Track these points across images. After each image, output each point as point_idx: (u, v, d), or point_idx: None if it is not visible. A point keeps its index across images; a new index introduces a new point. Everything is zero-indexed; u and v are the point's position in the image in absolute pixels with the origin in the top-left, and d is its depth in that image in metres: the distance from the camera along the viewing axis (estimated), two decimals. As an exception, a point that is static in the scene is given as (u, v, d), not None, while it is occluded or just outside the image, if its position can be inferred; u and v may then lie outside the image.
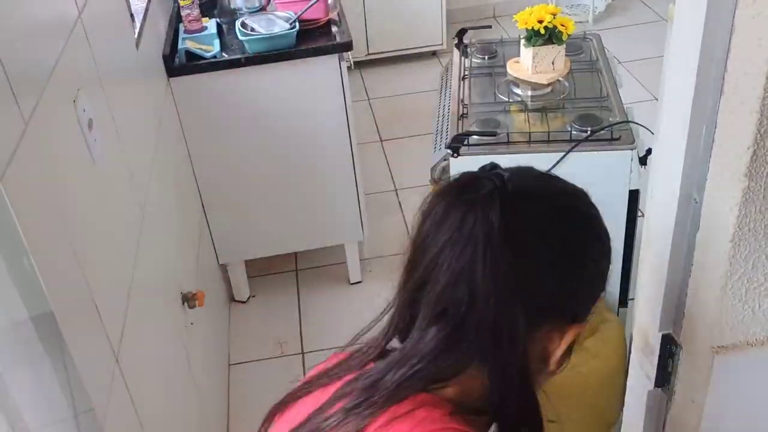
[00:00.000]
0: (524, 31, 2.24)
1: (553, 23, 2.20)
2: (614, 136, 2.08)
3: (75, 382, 1.11)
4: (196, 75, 2.51)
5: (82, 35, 1.49)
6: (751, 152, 0.78)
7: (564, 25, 2.21)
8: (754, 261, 0.86)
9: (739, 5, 0.75)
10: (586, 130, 2.09)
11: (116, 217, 1.55)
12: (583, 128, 2.10)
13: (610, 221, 2.16)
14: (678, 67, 0.86)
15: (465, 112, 2.27)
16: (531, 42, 2.23)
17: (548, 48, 2.24)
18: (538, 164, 1.99)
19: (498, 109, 2.27)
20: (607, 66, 2.46)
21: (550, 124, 2.17)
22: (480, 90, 2.41)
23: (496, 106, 2.28)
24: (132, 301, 1.50)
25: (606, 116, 2.18)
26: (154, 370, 1.65)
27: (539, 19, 2.19)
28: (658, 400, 1.05)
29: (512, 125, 2.19)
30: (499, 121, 2.19)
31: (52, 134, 1.20)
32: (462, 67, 2.52)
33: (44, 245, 1.06)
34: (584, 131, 2.09)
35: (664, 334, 0.99)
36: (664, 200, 0.93)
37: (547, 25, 2.18)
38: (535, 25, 2.19)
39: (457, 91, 2.39)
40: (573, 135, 2.10)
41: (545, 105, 2.27)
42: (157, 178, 2.01)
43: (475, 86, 2.43)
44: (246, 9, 2.83)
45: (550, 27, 2.19)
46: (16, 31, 1.13)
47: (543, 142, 2.10)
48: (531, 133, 2.11)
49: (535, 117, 2.24)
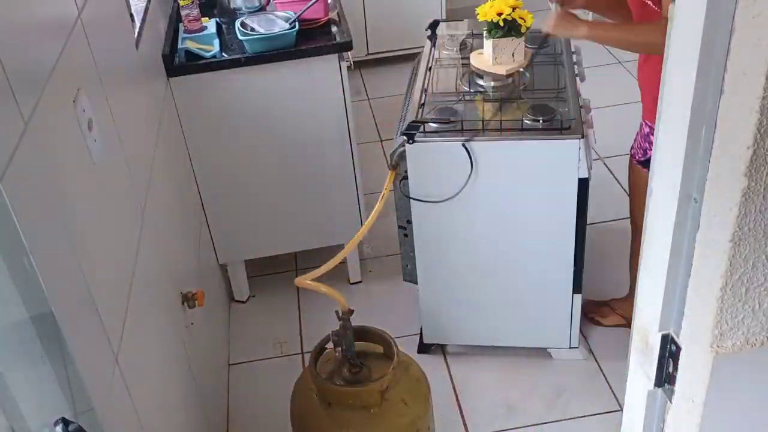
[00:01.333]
0: (486, 23, 2.30)
1: (512, 16, 2.25)
2: (564, 126, 2.14)
3: (75, 382, 1.11)
4: (195, 75, 2.51)
5: (81, 35, 1.49)
6: (750, 152, 0.78)
7: (523, 18, 2.26)
8: (753, 261, 0.86)
9: (739, 5, 0.75)
10: (539, 120, 2.16)
11: (116, 217, 1.55)
12: (536, 118, 2.16)
13: (561, 210, 2.21)
14: (678, 67, 0.86)
15: (425, 100, 2.33)
16: (491, 34, 2.29)
17: (508, 40, 2.30)
18: (489, 151, 2.14)
19: (458, 98, 2.35)
20: (570, 60, 2.53)
21: (505, 113, 2.24)
22: (444, 80, 2.48)
23: (457, 96, 2.36)
24: (132, 301, 1.50)
25: (561, 107, 2.24)
26: (154, 369, 1.65)
27: (499, 12, 2.24)
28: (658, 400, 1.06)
29: (468, 114, 2.26)
30: (456, 110, 2.27)
31: (51, 134, 1.20)
32: (431, 58, 2.59)
33: (44, 245, 1.06)
34: (537, 121, 2.16)
35: (664, 334, 0.99)
36: (664, 200, 0.93)
37: (506, 17, 2.23)
38: (495, 17, 2.25)
39: (422, 81, 2.45)
40: (525, 124, 2.16)
41: (503, 95, 2.34)
42: (156, 178, 2.01)
43: (440, 76, 2.50)
44: (246, 9, 2.83)
45: (509, 20, 2.25)
46: (15, 31, 1.13)
47: (496, 130, 2.17)
48: (484, 121, 2.18)
49: (493, 106, 2.31)
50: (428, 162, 2.23)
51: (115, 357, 1.33)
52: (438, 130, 2.19)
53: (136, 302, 1.52)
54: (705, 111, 0.83)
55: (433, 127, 2.19)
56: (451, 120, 2.19)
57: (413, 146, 2.19)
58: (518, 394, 2.48)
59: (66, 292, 1.14)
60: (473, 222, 2.31)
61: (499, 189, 2.24)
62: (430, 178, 2.26)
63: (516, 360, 2.58)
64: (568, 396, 2.45)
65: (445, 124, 2.18)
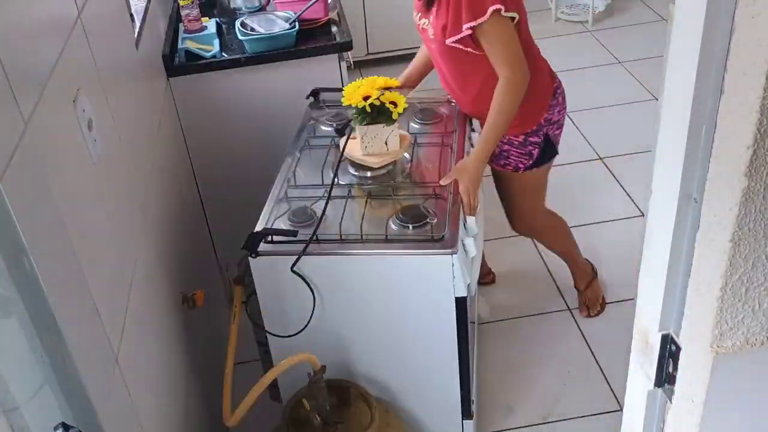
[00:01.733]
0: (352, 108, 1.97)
1: (380, 100, 1.92)
2: (436, 237, 1.79)
3: (75, 383, 1.11)
4: (195, 75, 2.52)
5: (81, 35, 1.49)
6: (750, 152, 0.78)
7: (394, 103, 1.94)
8: (753, 260, 0.86)
9: (739, 5, 0.75)
10: (407, 227, 1.83)
11: (116, 217, 1.55)
12: (404, 224, 1.84)
13: (438, 329, 1.87)
14: (678, 66, 0.86)
15: (285, 194, 1.99)
16: (358, 120, 1.96)
17: (378, 127, 1.96)
18: (348, 268, 1.79)
19: (322, 194, 1.94)
20: (461, 141, 2.18)
21: (370, 215, 1.89)
22: (312, 166, 2.10)
23: (320, 190, 1.96)
24: (132, 300, 1.50)
25: (440, 207, 1.90)
26: (154, 369, 1.65)
27: (365, 95, 1.93)
28: (658, 400, 1.06)
29: (328, 218, 1.88)
30: (313, 212, 1.89)
31: (51, 134, 1.20)
32: (304, 135, 2.25)
33: (44, 245, 1.06)
34: (405, 227, 1.83)
35: (663, 334, 0.99)
36: (664, 200, 0.93)
37: (373, 102, 1.92)
38: (360, 102, 1.92)
39: (287, 166, 2.12)
40: (391, 231, 1.82)
41: (372, 191, 1.98)
42: (156, 178, 2.02)
43: (310, 160, 2.13)
44: (246, 9, 2.83)
45: (377, 105, 1.93)
46: (15, 31, 1.13)
47: (356, 242, 1.81)
48: (342, 234, 1.82)
49: (358, 206, 1.94)
50: (277, 279, 1.84)
51: (115, 357, 1.33)
52: (285, 241, 1.81)
53: (135, 302, 1.52)
54: (705, 111, 0.83)
55: (279, 238, 1.82)
56: (297, 232, 1.81)
57: (258, 260, 1.82)
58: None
59: (66, 292, 1.14)
60: (340, 348, 1.96)
61: (365, 307, 1.89)
62: (282, 298, 1.88)
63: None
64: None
65: (293, 236, 1.81)
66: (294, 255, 1.78)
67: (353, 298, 1.88)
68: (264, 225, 1.89)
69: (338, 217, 1.88)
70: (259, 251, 1.81)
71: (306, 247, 1.78)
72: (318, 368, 1.81)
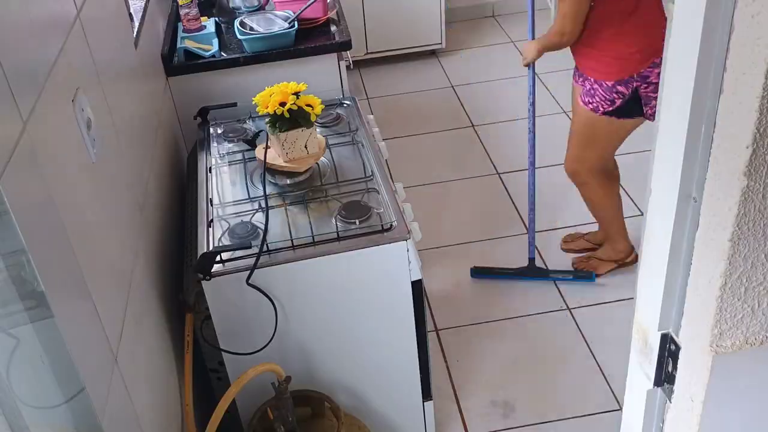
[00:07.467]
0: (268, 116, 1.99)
1: (297, 104, 1.95)
2: (385, 226, 1.82)
3: (74, 383, 1.11)
4: (194, 74, 2.51)
5: (80, 34, 1.49)
6: (750, 151, 0.78)
7: (311, 105, 1.98)
8: (753, 260, 0.86)
9: (738, 5, 0.75)
10: (354, 222, 1.85)
11: (115, 216, 1.55)
12: (349, 220, 1.85)
13: (397, 316, 1.93)
14: (677, 66, 0.86)
15: (213, 215, 1.93)
16: (276, 128, 1.98)
17: (297, 132, 1.98)
18: (303, 274, 1.78)
19: (253, 207, 1.94)
20: (368, 136, 2.22)
21: (313, 218, 1.89)
22: (232, 182, 2.06)
23: (251, 204, 1.95)
24: (131, 301, 1.50)
25: (374, 200, 1.93)
26: (154, 370, 1.65)
27: (281, 101, 1.95)
28: (657, 399, 1.06)
29: (271, 228, 1.85)
30: (254, 225, 1.86)
31: (50, 134, 1.20)
32: (208, 156, 2.20)
33: (43, 245, 1.06)
34: (351, 223, 1.85)
35: (663, 333, 0.99)
36: (664, 199, 0.93)
37: (291, 107, 1.94)
38: (278, 109, 1.95)
39: (205, 188, 2.05)
40: (339, 229, 1.83)
41: (306, 195, 1.98)
42: (155, 177, 2.01)
43: (227, 178, 2.09)
44: (245, 8, 2.83)
45: (295, 109, 1.96)
46: (14, 31, 1.13)
47: (308, 245, 1.81)
48: (294, 240, 1.81)
49: (298, 211, 1.94)
50: (232, 299, 1.82)
51: (115, 357, 1.33)
52: (237, 257, 1.78)
53: (135, 303, 1.52)
54: (704, 110, 0.83)
55: (231, 255, 1.79)
56: (252, 244, 1.79)
57: (211, 282, 1.77)
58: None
59: (65, 292, 1.14)
60: (303, 356, 1.96)
61: (325, 309, 1.89)
62: (240, 316, 1.85)
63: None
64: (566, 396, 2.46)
65: (247, 249, 1.78)
66: (247, 270, 1.76)
67: (312, 303, 1.87)
68: (206, 249, 1.84)
69: (282, 225, 1.87)
70: (212, 272, 1.77)
71: (258, 258, 1.76)
72: (282, 378, 1.80)
